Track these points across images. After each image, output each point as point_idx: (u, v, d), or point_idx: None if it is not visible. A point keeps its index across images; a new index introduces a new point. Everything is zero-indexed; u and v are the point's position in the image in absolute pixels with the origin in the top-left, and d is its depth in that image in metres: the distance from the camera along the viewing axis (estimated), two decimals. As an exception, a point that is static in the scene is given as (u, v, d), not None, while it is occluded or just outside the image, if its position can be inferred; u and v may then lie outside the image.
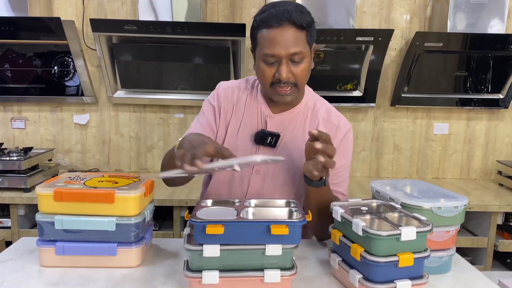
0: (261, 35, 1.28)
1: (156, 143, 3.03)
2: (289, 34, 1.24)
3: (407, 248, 1.02)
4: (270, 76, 1.30)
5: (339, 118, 1.45)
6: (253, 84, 1.49)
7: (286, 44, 1.25)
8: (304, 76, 1.32)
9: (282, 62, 1.27)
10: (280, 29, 1.24)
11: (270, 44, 1.25)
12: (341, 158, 1.38)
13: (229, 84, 1.50)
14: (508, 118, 3.07)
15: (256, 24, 1.30)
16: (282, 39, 1.24)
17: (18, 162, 2.48)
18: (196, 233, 1.02)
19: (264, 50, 1.27)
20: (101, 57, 2.69)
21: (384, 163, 3.10)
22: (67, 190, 1.16)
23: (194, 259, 1.02)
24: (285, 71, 1.27)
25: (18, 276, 1.14)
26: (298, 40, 1.26)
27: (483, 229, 2.59)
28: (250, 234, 1.02)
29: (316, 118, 1.43)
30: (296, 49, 1.25)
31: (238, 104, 1.45)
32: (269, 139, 1.39)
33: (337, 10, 2.66)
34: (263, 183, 1.42)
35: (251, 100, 1.45)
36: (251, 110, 1.44)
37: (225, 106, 1.45)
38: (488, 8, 2.66)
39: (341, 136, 1.42)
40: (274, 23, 1.24)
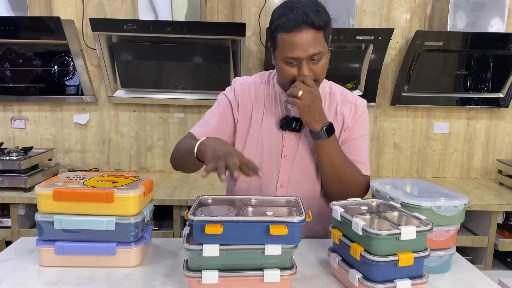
0: (281, 39, 1.30)
1: (156, 142, 3.03)
2: (308, 37, 1.27)
3: (407, 248, 1.02)
4: (291, 76, 1.34)
5: (354, 96, 1.53)
6: (268, 77, 1.53)
7: (306, 47, 1.27)
8: (323, 72, 1.36)
9: (303, 64, 1.30)
10: (300, 34, 1.26)
11: (290, 48, 1.28)
12: (360, 129, 1.49)
13: (245, 79, 1.54)
14: (508, 117, 3.07)
15: (275, 27, 1.32)
16: (302, 42, 1.27)
17: (18, 162, 2.48)
18: (195, 232, 1.01)
19: (285, 53, 1.30)
20: (100, 56, 2.69)
21: (384, 162, 3.10)
22: (67, 189, 1.16)
23: (193, 259, 1.02)
24: (306, 71, 1.31)
25: (18, 276, 1.14)
26: (317, 40, 1.28)
27: (484, 228, 2.58)
28: (249, 234, 1.02)
29: (334, 100, 1.49)
30: (315, 50, 1.28)
31: (258, 98, 1.50)
32: (294, 124, 1.43)
33: (337, 9, 2.66)
34: (291, 167, 1.47)
35: (270, 92, 1.50)
36: (272, 102, 1.49)
37: (243, 100, 1.49)
38: (488, 7, 2.66)
39: (360, 111, 1.49)
40: (293, 28, 1.26)
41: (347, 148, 1.46)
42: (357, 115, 1.48)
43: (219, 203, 1.17)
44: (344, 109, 1.48)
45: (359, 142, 1.48)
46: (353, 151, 1.46)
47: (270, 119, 1.48)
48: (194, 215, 1.02)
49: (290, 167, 1.46)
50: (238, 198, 1.20)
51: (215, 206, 1.15)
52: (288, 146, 1.45)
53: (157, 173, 3.04)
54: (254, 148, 1.47)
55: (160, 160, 3.05)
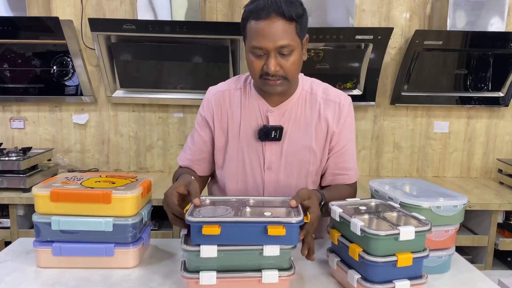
0: (250, 27, 1.25)
1: (156, 142, 3.03)
2: (277, 26, 1.21)
3: (406, 248, 1.01)
4: (258, 69, 1.27)
5: (338, 94, 1.44)
6: (245, 81, 1.46)
7: (273, 37, 1.21)
8: (294, 69, 1.28)
9: (270, 55, 1.24)
10: (268, 21, 1.21)
11: (258, 36, 1.22)
12: (347, 134, 1.43)
13: (219, 88, 1.47)
14: (508, 116, 3.06)
15: (245, 15, 1.27)
16: (269, 31, 1.21)
17: (17, 162, 2.48)
18: (193, 233, 1.01)
19: (252, 42, 1.24)
20: (99, 56, 2.68)
21: (384, 162, 3.09)
22: (64, 190, 1.15)
23: (191, 260, 1.02)
24: (273, 64, 1.24)
25: (15, 277, 1.14)
26: (286, 32, 1.22)
27: (484, 227, 2.58)
28: (247, 234, 1.01)
29: (316, 101, 1.41)
30: (284, 42, 1.22)
31: (233, 106, 1.42)
32: (273, 134, 1.37)
33: (336, 8, 2.65)
34: (277, 178, 1.42)
35: (246, 98, 1.42)
36: (249, 108, 1.41)
37: (218, 113, 1.43)
38: (488, 6, 2.65)
39: (346, 112, 1.42)
40: (262, 15, 1.21)
41: (337, 157, 1.43)
42: (342, 119, 1.41)
43: (216, 203, 1.16)
44: (328, 111, 1.40)
45: (349, 149, 1.44)
46: (344, 159, 1.43)
47: (248, 129, 1.40)
48: (192, 216, 1.01)
49: (275, 177, 1.41)
50: (236, 198, 1.20)
51: (213, 206, 1.14)
52: (270, 157, 1.40)
53: (157, 173, 3.04)
54: (235, 161, 1.42)
55: (159, 160, 3.05)
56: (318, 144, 1.41)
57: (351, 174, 1.46)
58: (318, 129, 1.40)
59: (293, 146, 1.39)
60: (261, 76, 1.28)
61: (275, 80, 1.27)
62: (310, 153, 1.40)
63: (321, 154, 1.42)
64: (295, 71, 1.30)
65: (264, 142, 1.39)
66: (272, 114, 1.39)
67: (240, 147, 1.41)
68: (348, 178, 1.46)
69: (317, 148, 1.41)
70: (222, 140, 1.44)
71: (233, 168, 1.43)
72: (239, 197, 1.21)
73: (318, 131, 1.40)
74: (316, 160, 1.42)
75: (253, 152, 1.40)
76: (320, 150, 1.42)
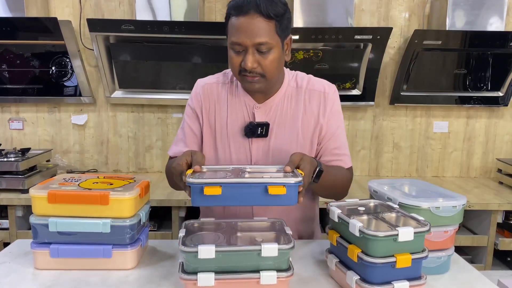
0: (230, 23, 1.27)
1: (155, 143, 3.02)
2: (255, 23, 1.23)
3: (405, 249, 1.01)
4: (237, 65, 1.29)
5: (322, 83, 1.45)
6: (231, 77, 1.46)
7: (251, 33, 1.23)
8: (272, 67, 1.29)
9: (248, 51, 1.25)
10: (247, 18, 1.23)
11: (237, 32, 1.25)
12: (335, 121, 1.43)
13: (207, 80, 1.48)
14: (507, 116, 3.05)
15: (228, 11, 1.29)
16: (248, 27, 1.23)
17: (16, 163, 2.47)
18: (194, 195, 1.02)
19: (232, 38, 1.26)
20: (98, 57, 2.68)
21: (383, 162, 3.09)
22: (61, 192, 1.15)
23: (189, 261, 1.01)
24: (250, 61, 1.25)
25: (13, 279, 1.14)
26: (264, 30, 1.24)
27: (483, 227, 2.57)
28: (248, 195, 1.03)
29: (301, 94, 1.42)
30: (261, 39, 1.23)
31: (220, 101, 1.44)
32: (259, 130, 1.38)
33: (335, 8, 2.64)
34: None
35: (232, 94, 1.44)
36: (235, 104, 1.42)
37: (206, 105, 1.44)
38: (487, 5, 2.64)
39: (331, 103, 1.42)
40: (241, 11, 1.23)
41: (328, 144, 1.42)
42: (328, 107, 1.41)
43: (215, 171, 1.18)
44: (313, 101, 1.41)
45: (339, 135, 1.44)
46: (335, 146, 1.43)
47: (234, 126, 1.41)
48: (192, 179, 1.04)
49: None
50: (234, 167, 1.22)
51: (212, 172, 1.16)
52: (257, 154, 1.40)
53: (156, 174, 3.03)
54: (222, 157, 1.42)
55: (158, 161, 3.04)
56: (304, 137, 1.41)
57: (344, 159, 1.44)
58: (304, 122, 1.40)
59: (280, 142, 1.40)
60: (240, 72, 1.30)
61: (253, 77, 1.29)
62: (297, 148, 1.40)
63: (309, 147, 1.42)
64: (274, 70, 1.31)
65: (251, 139, 1.40)
66: (258, 110, 1.40)
67: (227, 143, 1.42)
68: (341, 163, 1.44)
69: (304, 142, 1.41)
70: (209, 135, 1.44)
71: (220, 164, 1.42)
72: (237, 166, 1.23)
73: (305, 123, 1.40)
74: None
75: (240, 149, 1.41)
76: (308, 143, 1.41)
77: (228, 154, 1.42)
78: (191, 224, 1.17)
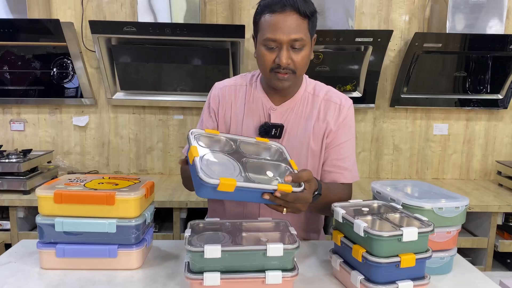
0: (264, 20, 1.29)
1: (156, 144, 3.03)
2: (291, 20, 1.26)
3: (409, 249, 1.02)
4: (270, 61, 1.31)
5: (340, 96, 1.47)
6: (251, 79, 1.49)
7: (288, 29, 1.26)
8: (303, 63, 1.33)
9: (283, 48, 1.28)
10: (283, 15, 1.26)
11: (272, 29, 1.27)
12: (345, 133, 1.44)
13: (225, 83, 1.50)
14: (507, 119, 3.07)
15: (260, 9, 1.31)
16: (284, 24, 1.26)
17: (17, 164, 2.47)
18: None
19: (266, 34, 1.28)
20: (100, 58, 2.69)
21: (383, 164, 3.10)
22: (68, 192, 1.15)
23: (195, 261, 1.02)
24: (285, 57, 1.28)
25: (18, 278, 1.14)
26: (300, 27, 1.27)
27: (483, 229, 2.58)
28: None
29: (317, 102, 1.44)
30: (297, 36, 1.27)
31: (237, 102, 1.46)
32: (273, 131, 1.40)
33: (336, 11, 2.66)
34: None
35: (251, 95, 1.46)
36: (252, 105, 1.45)
37: (223, 106, 1.47)
38: (486, 9, 2.66)
39: (345, 113, 1.44)
40: (277, 8, 1.26)
41: (332, 153, 1.44)
42: (341, 118, 1.43)
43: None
44: (328, 110, 1.43)
45: (344, 148, 1.44)
46: (338, 157, 1.44)
47: (250, 126, 1.44)
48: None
49: None
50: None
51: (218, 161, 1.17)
52: None
53: (157, 175, 3.04)
54: None
55: (159, 162, 3.05)
56: (316, 143, 1.43)
57: (345, 174, 1.44)
58: (316, 128, 1.42)
59: (292, 144, 1.42)
60: (272, 69, 1.32)
61: (284, 74, 1.31)
62: (309, 152, 1.42)
63: (319, 153, 1.44)
64: (304, 67, 1.34)
65: None
66: (274, 112, 1.42)
67: None
68: (341, 177, 1.44)
69: (315, 147, 1.43)
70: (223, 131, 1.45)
71: None
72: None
73: (316, 130, 1.42)
74: (314, 159, 1.44)
75: None
76: (318, 149, 1.43)
77: None
78: (196, 224, 1.18)
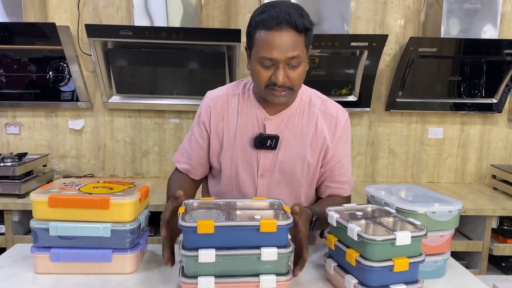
0: (259, 36, 1.23)
1: (152, 148, 3.03)
2: (288, 38, 1.21)
3: (402, 253, 1.03)
4: (265, 79, 1.27)
5: (336, 108, 1.45)
6: (243, 88, 1.45)
7: (284, 48, 1.21)
8: (300, 79, 1.30)
9: (279, 66, 1.24)
10: (279, 32, 1.20)
11: (268, 47, 1.22)
12: (343, 148, 1.44)
13: (217, 93, 1.47)
14: (501, 123, 3.09)
15: (255, 24, 1.25)
16: (281, 42, 1.21)
17: (12, 168, 2.46)
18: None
19: (262, 52, 1.23)
20: (96, 62, 2.69)
21: (379, 168, 3.11)
22: (62, 196, 1.15)
23: (189, 265, 1.02)
24: (282, 76, 1.24)
25: (12, 283, 1.14)
26: (296, 43, 1.22)
27: (478, 233, 2.59)
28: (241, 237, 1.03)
29: (313, 113, 1.41)
30: (294, 53, 1.22)
31: (230, 112, 1.43)
32: (268, 142, 1.37)
33: (331, 15, 2.67)
34: (270, 185, 1.43)
35: (244, 105, 1.42)
36: (246, 115, 1.41)
37: (215, 117, 1.43)
38: (481, 14, 2.68)
39: (341, 126, 1.42)
40: (273, 25, 1.20)
41: (332, 171, 1.44)
42: (338, 133, 1.41)
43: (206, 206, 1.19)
44: (324, 124, 1.41)
45: (344, 164, 1.45)
46: (339, 173, 1.45)
47: (244, 136, 1.40)
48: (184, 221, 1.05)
49: (268, 184, 1.43)
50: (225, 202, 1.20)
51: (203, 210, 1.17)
52: (264, 164, 1.41)
53: (152, 179, 3.03)
54: (229, 167, 1.43)
55: (155, 166, 3.05)
56: (312, 156, 1.41)
57: (346, 187, 1.48)
58: (313, 141, 1.40)
59: (288, 155, 1.40)
60: (267, 86, 1.28)
61: (281, 91, 1.28)
62: (304, 164, 1.41)
63: (315, 166, 1.43)
64: (301, 82, 1.32)
65: (259, 150, 1.40)
66: (269, 122, 1.39)
67: (235, 153, 1.41)
68: (343, 192, 1.48)
69: (312, 160, 1.42)
70: (217, 145, 1.44)
71: (226, 173, 1.44)
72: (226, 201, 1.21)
73: (314, 142, 1.40)
74: (309, 172, 1.43)
75: (248, 159, 1.41)
76: (315, 162, 1.43)
77: (235, 164, 1.42)
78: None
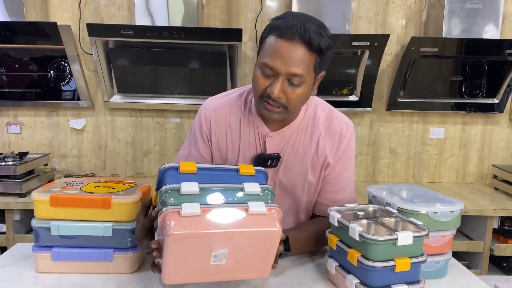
0: (269, 41, 1.15)
1: (153, 147, 3.03)
2: (296, 52, 1.12)
3: (404, 253, 1.02)
4: (262, 88, 1.18)
5: (341, 122, 1.35)
6: (246, 98, 1.36)
7: (288, 61, 1.12)
8: (297, 101, 1.20)
9: (278, 79, 1.14)
10: (289, 43, 1.11)
11: (273, 55, 1.13)
12: (344, 164, 1.36)
13: (218, 105, 1.36)
14: (503, 123, 3.09)
15: (269, 28, 1.17)
16: (287, 54, 1.12)
17: (14, 167, 2.47)
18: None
19: (265, 58, 1.15)
20: (97, 61, 2.69)
21: (380, 168, 3.11)
22: (64, 195, 1.15)
23: (173, 197, 0.98)
24: (277, 89, 1.14)
25: (14, 282, 1.14)
26: (303, 61, 1.13)
27: (479, 233, 2.59)
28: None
29: (317, 128, 1.33)
30: (297, 70, 1.13)
31: (232, 126, 1.35)
32: (269, 162, 1.31)
33: (333, 15, 2.67)
34: None
35: (246, 118, 1.34)
36: (248, 130, 1.34)
37: (216, 131, 1.36)
38: (482, 14, 2.68)
39: (345, 144, 1.34)
40: (286, 34, 1.12)
41: (329, 186, 1.37)
42: (341, 149, 1.33)
43: None
44: (327, 142, 1.33)
45: (342, 179, 1.37)
46: (334, 190, 1.37)
47: (246, 154, 1.34)
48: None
49: None
50: None
51: None
52: None
53: (154, 178, 3.02)
54: None
55: (156, 165, 3.05)
56: (314, 176, 1.36)
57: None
58: (314, 160, 1.34)
59: (289, 173, 1.34)
60: (262, 96, 1.19)
61: (274, 107, 1.19)
62: (305, 183, 1.36)
63: (316, 186, 1.37)
64: (298, 104, 1.23)
65: None
66: (270, 139, 1.32)
67: None
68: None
69: (313, 180, 1.36)
70: (219, 160, 1.38)
71: None
72: None
73: (315, 162, 1.34)
74: (310, 191, 1.38)
75: None
76: (316, 182, 1.37)
77: None
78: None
